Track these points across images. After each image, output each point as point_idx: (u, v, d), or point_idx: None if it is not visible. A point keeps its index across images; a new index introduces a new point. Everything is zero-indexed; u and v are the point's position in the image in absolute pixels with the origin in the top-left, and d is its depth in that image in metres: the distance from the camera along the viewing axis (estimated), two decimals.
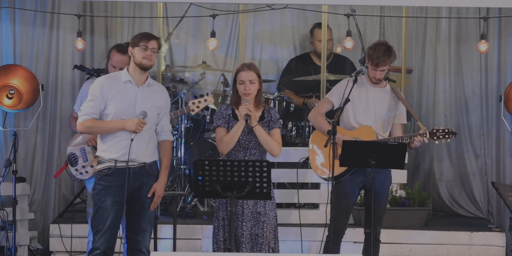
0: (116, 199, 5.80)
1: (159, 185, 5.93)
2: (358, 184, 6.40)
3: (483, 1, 7.37)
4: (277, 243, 6.14)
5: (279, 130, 6.18)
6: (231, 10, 8.86)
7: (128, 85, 5.87)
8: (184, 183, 8.29)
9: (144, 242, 5.92)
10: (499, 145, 8.46)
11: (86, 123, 5.83)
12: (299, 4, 8.20)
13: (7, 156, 7.39)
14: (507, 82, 8.27)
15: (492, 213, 8.52)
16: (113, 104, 5.82)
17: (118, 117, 5.81)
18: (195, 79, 8.92)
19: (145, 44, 5.83)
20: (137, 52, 5.84)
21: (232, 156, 6.11)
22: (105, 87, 5.83)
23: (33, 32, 8.27)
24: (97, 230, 5.84)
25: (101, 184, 5.85)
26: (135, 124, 5.75)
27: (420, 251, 7.62)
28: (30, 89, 7.87)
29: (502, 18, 8.36)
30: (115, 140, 5.83)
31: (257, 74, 6.13)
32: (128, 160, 5.75)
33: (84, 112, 5.84)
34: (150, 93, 5.92)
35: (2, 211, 7.46)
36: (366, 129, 6.38)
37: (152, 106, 5.89)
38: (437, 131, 6.38)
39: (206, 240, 7.57)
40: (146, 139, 5.87)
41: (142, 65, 5.84)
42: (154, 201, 5.90)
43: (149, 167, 5.90)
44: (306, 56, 9.03)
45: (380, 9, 8.93)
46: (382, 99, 6.45)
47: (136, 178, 5.85)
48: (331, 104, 6.48)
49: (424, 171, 8.98)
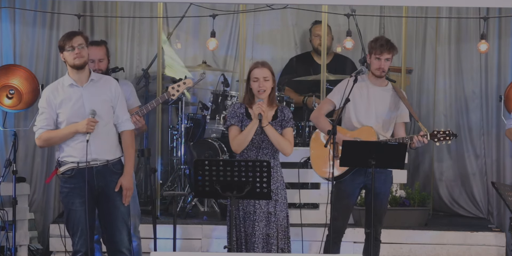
0: (83, 200, 5.79)
1: (125, 178, 5.88)
2: (359, 184, 6.40)
3: (483, 1, 7.36)
4: (287, 243, 6.13)
5: (292, 130, 6.18)
6: (231, 10, 8.86)
7: (72, 88, 5.86)
8: (184, 183, 8.29)
9: (122, 242, 5.89)
10: (499, 145, 8.47)
11: (42, 137, 5.86)
12: (299, 4, 8.19)
13: (7, 156, 7.38)
14: (507, 82, 8.27)
15: (492, 213, 8.52)
16: (62, 111, 5.83)
17: (70, 122, 5.81)
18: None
19: (70, 45, 5.80)
20: (67, 55, 5.82)
21: (244, 155, 6.12)
22: (51, 97, 5.85)
23: (33, 32, 8.26)
24: (73, 233, 5.84)
25: (67, 187, 5.85)
26: (85, 124, 5.74)
27: (420, 251, 7.62)
28: (30, 89, 7.87)
29: (502, 18, 8.36)
30: (72, 144, 5.84)
31: (271, 72, 6.13)
32: (87, 161, 5.74)
33: (39, 126, 5.87)
34: (97, 88, 5.89)
35: (2, 211, 7.46)
36: (367, 130, 6.38)
37: (102, 101, 5.87)
38: (438, 133, 6.38)
39: (206, 240, 7.57)
40: (104, 136, 5.85)
41: (76, 65, 5.82)
42: (124, 195, 5.86)
43: (112, 165, 5.87)
44: (307, 55, 9.04)
45: (380, 9, 8.93)
46: (383, 98, 6.45)
47: (100, 177, 5.83)
48: (332, 104, 6.49)
49: (424, 171, 8.98)
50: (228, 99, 8.23)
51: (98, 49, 6.50)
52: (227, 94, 8.26)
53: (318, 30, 8.63)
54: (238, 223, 6.05)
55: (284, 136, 6.13)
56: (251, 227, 6.04)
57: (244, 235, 6.05)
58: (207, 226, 7.62)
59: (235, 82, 9.08)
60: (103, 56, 6.53)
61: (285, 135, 6.14)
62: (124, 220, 5.90)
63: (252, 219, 6.04)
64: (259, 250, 5.99)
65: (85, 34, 5.94)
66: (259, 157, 6.09)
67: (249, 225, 6.04)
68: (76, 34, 5.86)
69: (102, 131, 5.83)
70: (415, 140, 6.32)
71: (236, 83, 8.95)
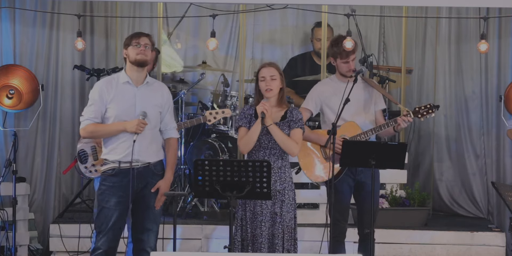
0: (120, 200, 5.81)
1: (164, 182, 5.93)
2: (350, 183, 6.41)
3: (483, 1, 7.36)
4: (294, 244, 6.08)
5: (300, 130, 6.10)
6: (231, 10, 8.85)
7: (126, 86, 5.87)
8: (184, 183, 8.29)
9: (148, 242, 5.93)
10: (499, 145, 8.47)
11: (88, 128, 5.86)
12: (299, 4, 8.19)
13: (7, 156, 7.39)
14: (507, 82, 8.27)
15: (492, 213, 8.52)
16: (113, 106, 5.83)
17: (119, 119, 5.82)
18: (195, 79, 8.92)
19: (136, 41, 5.84)
20: (131, 51, 5.85)
21: (252, 155, 6.09)
22: (104, 91, 5.84)
23: (33, 32, 8.27)
24: (100, 230, 5.86)
25: (105, 185, 5.87)
26: (135, 125, 5.74)
27: (420, 251, 7.62)
28: (30, 89, 7.87)
29: (502, 18, 8.36)
30: (117, 142, 5.84)
31: (278, 71, 6.11)
32: (131, 161, 5.76)
33: (86, 117, 5.87)
34: (150, 92, 5.91)
35: (2, 211, 7.46)
36: (350, 124, 6.39)
37: (153, 105, 5.89)
38: (420, 109, 6.40)
39: (206, 240, 7.57)
40: (149, 139, 5.87)
41: (138, 61, 5.84)
42: (157, 199, 5.90)
43: (153, 167, 5.90)
44: (307, 55, 9.03)
45: (380, 9, 8.93)
46: (355, 92, 6.37)
47: (140, 178, 5.85)
48: (309, 112, 6.51)
49: (424, 171, 8.98)
50: (228, 99, 8.23)
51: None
52: (227, 94, 8.26)
53: (320, 35, 8.59)
54: (245, 223, 6.04)
55: (291, 137, 6.07)
56: (259, 228, 6.02)
57: (251, 236, 6.04)
58: (207, 226, 7.62)
59: (235, 82, 9.07)
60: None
61: (292, 136, 6.07)
62: (155, 221, 5.95)
63: (259, 220, 6.03)
64: (265, 251, 5.97)
65: (153, 38, 5.97)
66: (268, 157, 6.05)
67: (257, 225, 6.03)
68: (145, 35, 5.91)
69: (147, 134, 5.84)
70: (399, 121, 6.32)
71: (236, 83, 8.94)
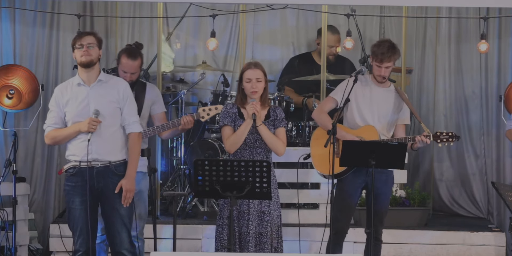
0: (83, 198, 5.83)
1: (126, 179, 5.87)
2: (360, 184, 6.40)
3: (483, 1, 7.36)
4: (280, 242, 6.17)
5: (284, 129, 6.23)
6: (231, 10, 8.85)
7: (80, 87, 5.90)
8: (184, 183, 8.29)
9: (122, 244, 5.91)
10: (499, 145, 8.47)
11: (49, 135, 5.93)
12: (299, 4, 8.19)
13: (7, 156, 7.38)
14: (507, 82, 8.27)
15: (492, 213, 8.52)
16: (68, 109, 5.88)
17: (75, 121, 5.85)
18: (195, 79, 8.92)
19: (79, 43, 5.84)
20: (76, 53, 5.87)
21: (238, 155, 6.15)
22: (59, 96, 5.90)
23: (33, 32, 8.27)
24: (73, 231, 5.90)
25: (69, 185, 5.91)
26: (86, 124, 5.77)
27: (420, 251, 7.62)
28: (30, 89, 7.87)
29: (502, 18, 8.36)
30: (75, 142, 5.88)
31: (263, 73, 6.20)
32: (87, 160, 5.78)
33: (47, 124, 5.95)
34: (104, 89, 5.91)
35: (2, 211, 7.46)
36: (369, 129, 6.38)
37: (108, 102, 5.88)
38: (440, 134, 6.39)
39: (206, 240, 7.57)
40: (106, 137, 5.86)
41: (82, 63, 5.85)
42: (123, 196, 5.85)
43: (114, 167, 5.88)
44: (307, 55, 9.03)
45: (380, 9, 8.93)
46: (386, 99, 6.45)
47: (100, 178, 5.85)
48: (335, 102, 6.49)
49: (424, 171, 8.98)
50: (228, 99, 8.22)
51: (135, 63, 6.54)
52: (227, 94, 8.25)
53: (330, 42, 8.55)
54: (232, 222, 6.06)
55: (277, 136, 6.17)
56: (245, 226, 6.05)
57: (238, 234, 6.06)
58: (207, 226, 7.62)
59: (235, 82, 9.06)
60: (137, 70, 6.59)
61: (278, 135, 6.19)
62: (124, 222, 5.90)
63: (246, 218, 6.07)
64: (252, 249, 6.01)
65: (98, 35, 5.96)
66: (253, 156, 6.12)
67: (243, 224, 6.07)
68: (87, 34, 5.91)
69: (105, 132, 5.85)
70: (417, 140, 6.32)
71: (236, 83, 8.91)
